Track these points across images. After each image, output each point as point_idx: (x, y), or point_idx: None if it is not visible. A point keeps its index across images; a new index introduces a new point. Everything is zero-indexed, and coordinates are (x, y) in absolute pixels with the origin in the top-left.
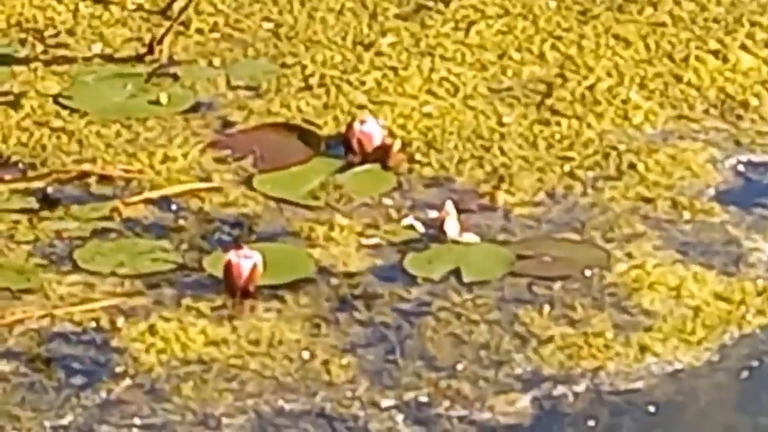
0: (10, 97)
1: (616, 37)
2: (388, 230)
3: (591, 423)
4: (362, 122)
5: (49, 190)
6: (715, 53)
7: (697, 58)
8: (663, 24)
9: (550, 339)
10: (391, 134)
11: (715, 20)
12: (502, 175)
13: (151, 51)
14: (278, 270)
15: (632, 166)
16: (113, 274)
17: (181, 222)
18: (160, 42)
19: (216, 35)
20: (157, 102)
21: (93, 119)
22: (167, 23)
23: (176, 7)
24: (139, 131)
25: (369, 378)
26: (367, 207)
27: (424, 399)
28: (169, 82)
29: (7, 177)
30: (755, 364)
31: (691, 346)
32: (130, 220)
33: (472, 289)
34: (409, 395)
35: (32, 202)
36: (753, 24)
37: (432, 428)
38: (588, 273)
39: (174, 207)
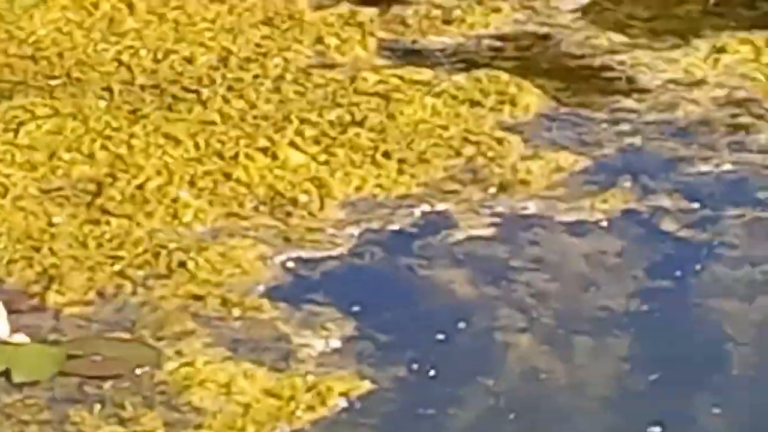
0: None
1: (166, 135)
2: None
3: None
4: None
5: None
6: (264, 150)
7: (247, 155)
8: (213, 122)
9: None
10: None
11: (265, 118)
12: (52, 275)
13: None
14: None
15: (182, 264)
16: None
17: None
18: None
19: None
20: None
21: None
22: None
23: None
24: None
25: None
26: None
27: None
28: None
29: None
30: None
31: None
32: None
33: (23, 389)
34: None
35: None
36: (302, 121)
37: None
38: (138, 372)
39: None
